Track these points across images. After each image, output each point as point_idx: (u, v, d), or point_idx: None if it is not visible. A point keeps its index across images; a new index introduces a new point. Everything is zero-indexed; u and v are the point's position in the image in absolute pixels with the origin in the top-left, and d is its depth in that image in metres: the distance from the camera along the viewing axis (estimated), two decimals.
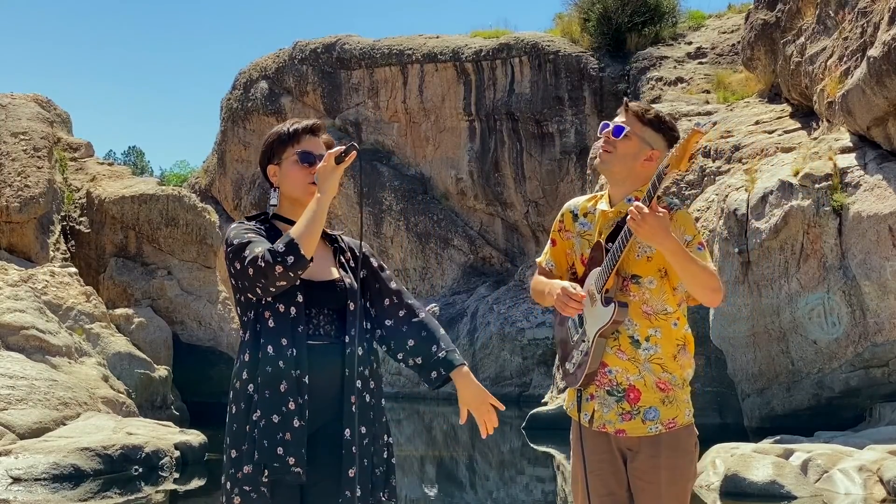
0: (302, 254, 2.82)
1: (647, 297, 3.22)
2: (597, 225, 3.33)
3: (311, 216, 2.89)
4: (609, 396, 3.25)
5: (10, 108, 17.19)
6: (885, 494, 8.14)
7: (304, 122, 3.13)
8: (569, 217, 3.43)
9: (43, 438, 10.42)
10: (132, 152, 63.56)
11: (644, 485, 3.22)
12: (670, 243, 3.06)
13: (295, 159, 3.04)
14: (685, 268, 3.10)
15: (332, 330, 2.97)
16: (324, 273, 3.02)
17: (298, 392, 2.86)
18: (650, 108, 3.31)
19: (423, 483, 11.12)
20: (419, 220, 26.50)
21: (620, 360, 3.23)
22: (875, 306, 10.63)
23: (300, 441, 2.84)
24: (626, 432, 3.22)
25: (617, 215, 3.26)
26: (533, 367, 22.12)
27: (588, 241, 3.34)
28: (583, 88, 24.40)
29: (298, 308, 2.92)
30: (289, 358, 2.87)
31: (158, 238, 17.10)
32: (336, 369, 2.93)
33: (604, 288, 3.19)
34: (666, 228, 3.04)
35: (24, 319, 12.52)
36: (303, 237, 2.84)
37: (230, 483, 2.89)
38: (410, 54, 26.55)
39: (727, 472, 8.72)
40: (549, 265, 3.48)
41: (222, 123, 30.19)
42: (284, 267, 2.80)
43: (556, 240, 3.46)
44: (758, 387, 11.94)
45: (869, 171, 11.19)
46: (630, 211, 3.05)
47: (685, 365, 3.28)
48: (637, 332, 3.22)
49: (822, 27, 13.53)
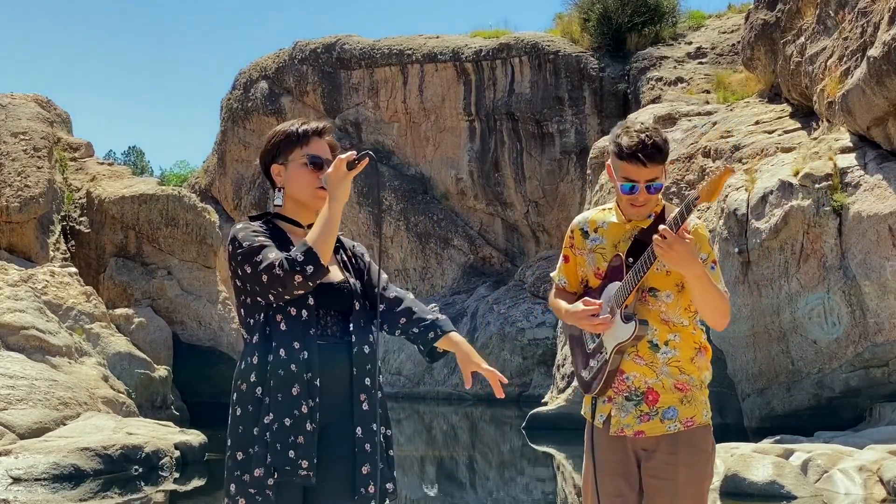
0: (321, 263, 2.81)
1: (664, 309, 3.26)
2: (609, 238, 3.34)
3: (325, 224, 2.87)
4: (627, 402, 3.27)
5: (10, 108, 17.19)
6: (885, 494, 8.14)
7: (312, 123, 3.10)
8: (579, 234, 3.43)
9: (43, 438, 10.42)
10: (132, 152, 63.53)
11: (660, 483, 3.22)
12: (697, 269, 3.10)
13: (304, 162, 3.02)
14: (704, 293, 3.15)
15: (338, 331, 2.98)
16: (332, 275, 3.01)
17: (310, 395, 2.87)
18: (665, 141, 3.23)
19: (423, 483, 11.12)
20: (419, 220, 26.50)
21: (638, 366, 3.25)
22: (875, 306, 10.63)
23: (312, 444, 2.85)
24: (644, 433, 3.24)
25: (634, 229, 3.28)
26: (533, 367, 22.12)
27: (602, 255, 3.34)
28: (583, 88, 24.40)
29: (310, 311, 2.92)
30: (301, 361, 2.87)
31: (158, 238, 17.10)
32: (344, 369, 2.95)
33: (623, 304, 3.21)
34: (693, 254, 3.07)
35: (24, 319, 12.52)
36: (319, 246, 2.83)
37: (235, 486, 2.89)
38: (410, 54, 26.56)
39: (727, 472, 8.72)
40: (562, 282, 3.48)
41: (222, 123, 30.19)
42: (304, 277, 2.80)
43: (569, 256, 3.46)
44: (758, 387, 11.94)
45: (869, 171, 11.19)
46: (655, 238, 3.06)
47: (702, 367, 3.31)
48: (656, 336, 3.24)
49: (822, 27, 13.52)
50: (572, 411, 12.38)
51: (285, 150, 3.04)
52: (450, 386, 23.05)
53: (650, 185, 3.20)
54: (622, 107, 23.73)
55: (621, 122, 3.36)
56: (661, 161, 3.19)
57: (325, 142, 3.08)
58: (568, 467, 11.77)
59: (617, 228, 3.32)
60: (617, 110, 23.79)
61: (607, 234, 3.34)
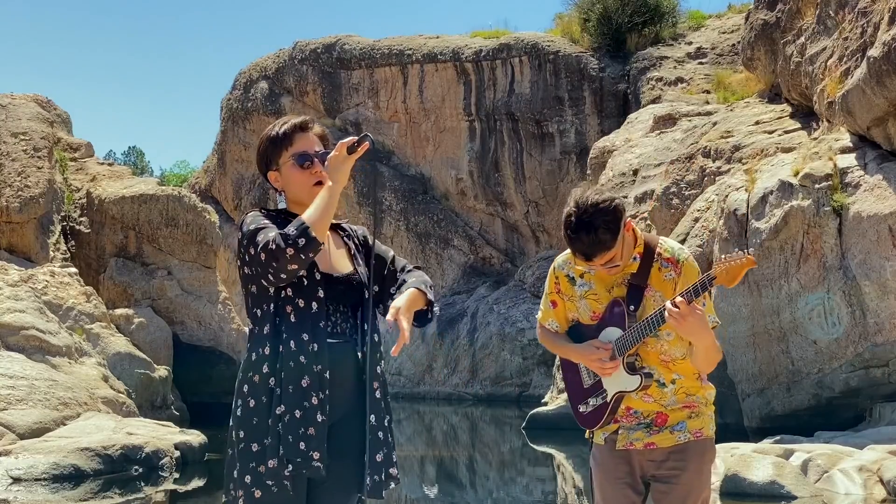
0: (313, 236, 2.79)
1: (666, 349, 3.28)
2: (599, 283, 3.32)
3: (322, 203, 2.87)
4: (637, 425, 3.31)
5: (10, 108, 17.20)
6: (885, 494, 8.14)
7: (292, 120, 3.08)
8: (565, 281, 3.39)
9: (43, 438, 10.42)
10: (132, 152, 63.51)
11: (670, 488, 3.27)
12: (707, 340, 3.16)
13: (292, 163, 3.01)
14: (707, 355, 3.22)
15: (347, 328, 2.98)
16: (342, 266, 3.02)
17: (320, 387, 2.87)
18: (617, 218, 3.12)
19: (423, 483, 11.12)
20: (419, 220, 26.51)
21: (646, 404, 3.29)
22: (875, 306, 10.63)
23: (322, 436, 2.86)
24: (655, 444, 3.28)
25: (623, 275, 3.27)
26: (533, 367, 22.12)
27: (595, 300, 3.32)
28: (583, 88, 24.41)
29: (320, 303, 2.92)
30: (310, 353, 2.88)
31: (158, 238, 17.10)
32: (354, 362, 2.95)
33: (626, 353, 3.23)
34: (705, 325, 3.13)
35: (24, 319, 12.52)
36: (314, 221, 2.82)
37: (250, 477, 2.86)
38: (410, 54, 26.56)
39: (727, 472, 8.72)
40: (553, 326, 3.46)
41: (222, 123, 30.20)
42: (296, 249, 2.77)
43: (557, 301, 3.43)
44: (758, 387, 11.94)
45: (869, 172, 11.18)
46: (669, 308, 3.08)
47: (707, 387, 3.37)
48: (662, 377, 3.28)
49: (822, 27, 13.53)
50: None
51: (273, 155, 3.04)
52: (450, 386, 23.06)
53: (608, 265, 3.19)
54: (622, 107, 23.74)
55: (574, 193, 3.24)
56: (608, 248, 3.12)
57: (310, 135, 3.05)
58: (568, 467, 11.77)
59: (605, 275, 3.29)
60: (617, 110, 23.81)
61: (596, 279, 3.32)
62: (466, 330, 23.51)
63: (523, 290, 23.69)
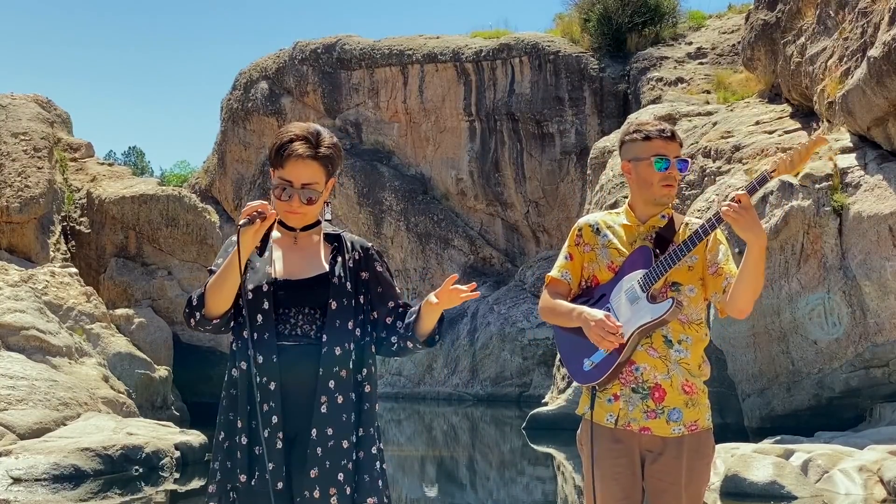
0: (203, 314, 2.90)
1: (685, 304, 3.30)
2: (622, 238, 3.38)
3: (222, 271, 2.89)
4: (634, 394, 3.29)
5: (10, 108, 17.20)
6: (886, 495, 8.14)
7: (293, 144, 2.92)
8: (588, 231, 3.45)
9: (43, 439, 10.42)
10: (132, 152, 63.49)
11: (666, 486, 3.26)
12: (763, 238, 3.16)
13: (275, 184, 2.96)
14: (757, 266, 3.18)
15: (311, 330, 2.91)
16: (304, 271, 2.96)
17: (264, 400, 2.85)
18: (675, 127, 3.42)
19: (423, 483, 11.12)
20: (419, 220, 26.49)
21: (651, 358, 3.27)
22: (875, 306, 10.63)
23: (245, 457, 2.88)
24: (651, 430, 3.27)
25: (649, 230, 3.35)
26: (533, 367, 22.11)
27: (616, 251, 3.37)
28: (583, 89, 24.40)
29: (265, 315, 2.89)
30: (252, 371, 2.86)
31: (158, 238, 17.11)
32: (310, 370, 2.88)
33: (651, 287, 3.24)
34: (759, 222, 3.13)
35: (24, 320, 12.52)
36: (209, 295, 2.90)
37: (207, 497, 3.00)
38: (411, 54, 26.56)
39: (727, 473, 8.72)
40: (566, 277, 3.45)
41: (222, 124, 30.18)
42: (195, 321, 2.93)
43: (573, 254, 3.46)
44: (758, 387, 11.94)
45: (869, 172, 11.19)
46: (728, 203, 3.10)
47: (706, 373, 3.38)
48: (670, 333, 3.28)
49: (823, 27, 13.52)
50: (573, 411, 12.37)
51: (272, 162, 3.01)
52: (450, 386, 23.05)
53: (679, 161, 3.33)
54: (622, 107, 23.73)
55: (629, 119, 3.43)
56: (681, 147, 3.36)
57: (307, 164, 2.90)
58: (568, 468, 11.77)
59: (630, 230, 3.38)
60: (617, 110, 23.80)
61: (619, 234, 3.39)
62: (466, 330, 23.50)
63: (523, 291, 23.68)
